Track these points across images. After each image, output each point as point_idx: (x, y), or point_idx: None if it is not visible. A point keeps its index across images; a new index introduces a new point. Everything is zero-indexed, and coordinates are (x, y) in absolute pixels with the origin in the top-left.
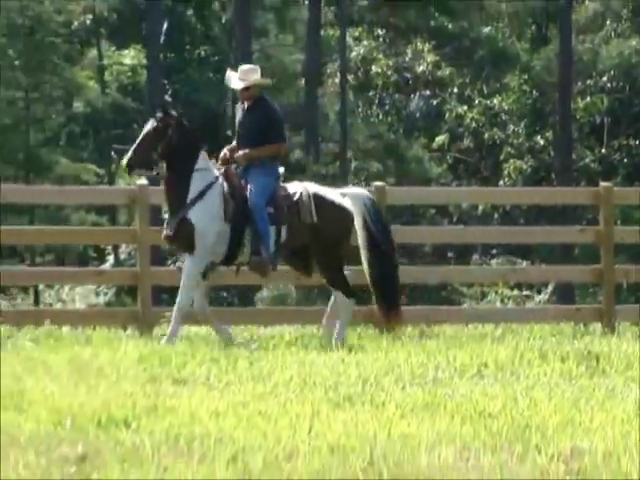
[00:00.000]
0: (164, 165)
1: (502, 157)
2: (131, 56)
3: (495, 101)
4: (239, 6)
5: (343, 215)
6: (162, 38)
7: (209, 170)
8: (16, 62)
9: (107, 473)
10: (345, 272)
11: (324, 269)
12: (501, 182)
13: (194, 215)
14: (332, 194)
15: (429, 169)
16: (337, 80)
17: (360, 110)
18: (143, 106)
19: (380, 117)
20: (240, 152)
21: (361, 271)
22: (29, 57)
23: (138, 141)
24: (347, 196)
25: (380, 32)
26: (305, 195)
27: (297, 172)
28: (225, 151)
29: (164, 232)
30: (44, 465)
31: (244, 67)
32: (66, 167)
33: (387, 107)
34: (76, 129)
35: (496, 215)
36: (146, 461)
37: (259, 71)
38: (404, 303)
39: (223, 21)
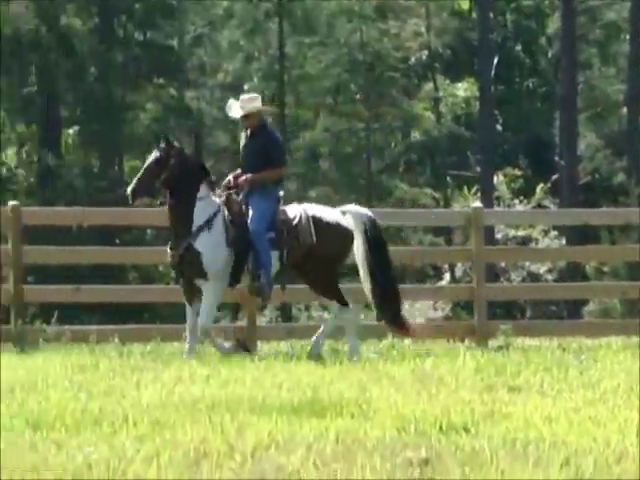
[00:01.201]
0: (167, 194)
1: None
2: (464, 88)
3: None
4: (565, 41)
5: (341, 233)
6: (493, 71)
7: (211, 198)
8: (357, 95)
9: (449, 476)
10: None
11: (318, 283)
12: None
13: (200, 244)
14: (331, 214)
15: None
16: None
17: None
18: (476, 135)
19: None
20: (242, 177)
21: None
22: (369, 91)
23: (142, 171)
24: (347, 214)
25: None
26: (304, 218)
27: (620, 195)
28: (230, 177)
29: (169, 257)
30: (389, 469)
31: (244, 96)
32: (405, 192)
33: None
34: (414, 156)
35: None
36: (485, 464)
37: (259, 99)
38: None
39: (549, 55)
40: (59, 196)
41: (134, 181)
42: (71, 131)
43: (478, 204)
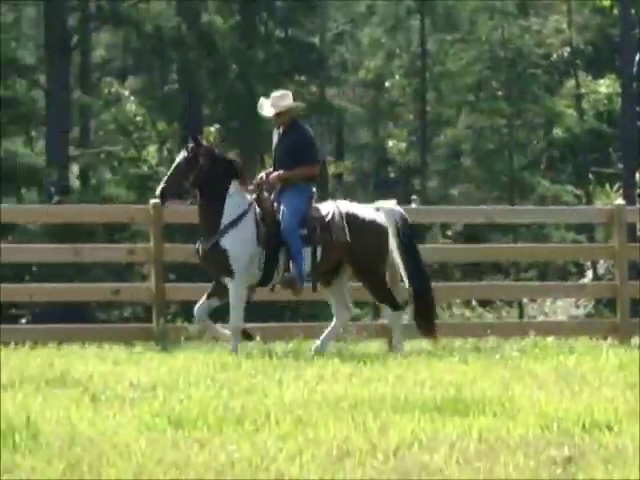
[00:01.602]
0: (197, 193)
1: None
2: (606, 85)
3: None
4: None
5: (376, 230)
6: (635, 68)
7: (242, 197)
8: (499, 92)
9: (592, 474)
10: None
11: (369, 287)
12: None
13: (227, 242)
14: (365, 211)
15: None
16: None
17: None
18: (618, 131)
19: None
20: (274, 174)
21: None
22: (511, 87)
23: (170, 172)
24: (380, 210)
25: None
26: (337, 214)
27: None
28: (262, 175)
29: (196, 254)
30: (532, 467)
31: (275, 94)
32: (547, 188)
33: None
34: (555, 153)
35: None
36: (629, 463)
37: (290, 96)
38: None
39: None
40: None
41: (162, 183)
42: (212, 129)
43: (620, 201)
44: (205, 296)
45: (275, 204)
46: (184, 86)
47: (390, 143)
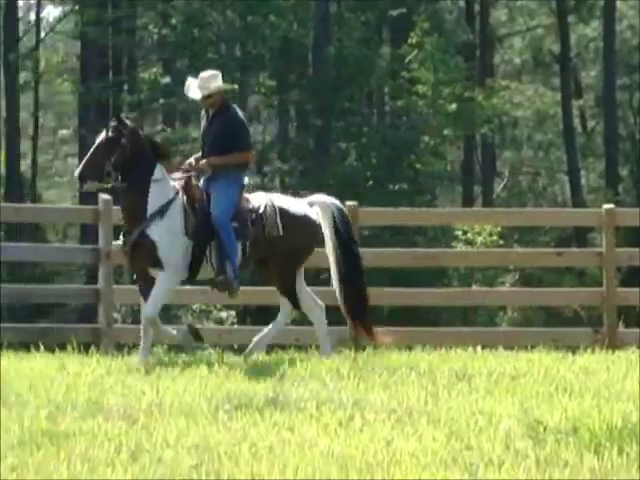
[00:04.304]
0: (119, 177)
1: None
2: None
3: None
4: None
5: (309, 227)
6: None
7: (167, 181)
8: None
9: None
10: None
11: (281, 277)
12: None
13: (155, 232)
14: (298, 205)
15: None
16: None
17: None
18: None
19: None
20: (204, 160)
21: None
22: None
23: (90, 152)
24: (315, 205)
25: None
26: (270, 208)
27: None
28: (191, 160)
29: (121, 245)
30: None
31: (204, 74)
32: None
33: None
34: None
35: None
36: None
37: (220, 77)
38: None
39: None
40: None
41: (81, 164)
42: None
43: None
44: (143, 303)
45: (204, 193)
46: None
47: None
